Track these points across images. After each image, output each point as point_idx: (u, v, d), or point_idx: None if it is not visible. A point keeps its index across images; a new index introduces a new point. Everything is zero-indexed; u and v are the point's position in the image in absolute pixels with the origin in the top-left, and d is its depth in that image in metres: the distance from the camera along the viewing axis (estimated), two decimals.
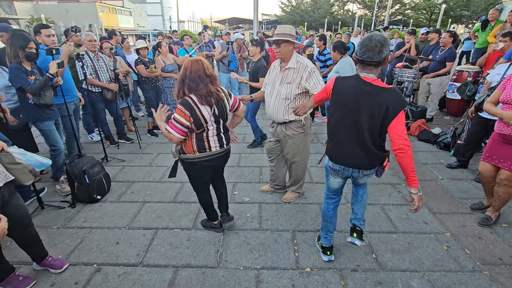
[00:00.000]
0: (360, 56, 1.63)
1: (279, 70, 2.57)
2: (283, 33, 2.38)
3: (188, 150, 2.08)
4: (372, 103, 1.60)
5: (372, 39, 1.58)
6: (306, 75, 2.42)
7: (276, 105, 2.58)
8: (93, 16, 24.98)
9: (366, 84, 1.62)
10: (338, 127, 1.77)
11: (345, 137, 1.75)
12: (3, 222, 1.22)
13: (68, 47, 3.15)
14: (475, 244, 2.35)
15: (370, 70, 1.65)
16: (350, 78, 1.70)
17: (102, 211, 2.83)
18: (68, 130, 3.49)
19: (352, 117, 1.67)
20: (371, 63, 1.61)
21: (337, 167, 1.86)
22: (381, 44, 1.56)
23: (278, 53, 2.43)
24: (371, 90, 1.61)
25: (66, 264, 2.14)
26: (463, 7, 27.74)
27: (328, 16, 33.14)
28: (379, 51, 1.57)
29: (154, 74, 4.55)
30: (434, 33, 5.62)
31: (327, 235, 2.18)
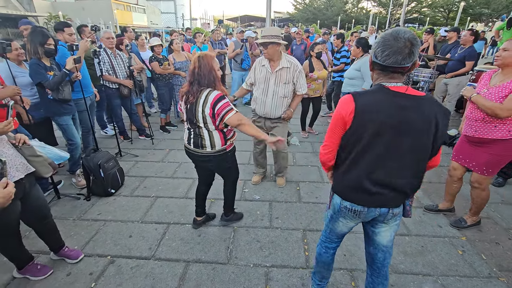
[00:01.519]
0: (383, 61, 1.20)
1: (270, 70, 2.71)
2: (269, 35, 2.52)
3: None
4: (417, 119, 1.21)
5: (400, 37, 1.16)
6: (297, 74, 2.68)
7: (275, 103, 2.77)
8: (108, 13, 25.45)
9: (401, 95, 1.22)
10: (369, 156, 1.29)
11: (380, 167, 1.29)
12: (10, 187, 1.28)
13: (85, 43, 3.22)
14: (491, 250, 2.28)
15: (398, 78, 1.25)
16: (374, 92, 1.27)
17: (116, 204, 2.90)
18: (84, 125, 3.59)
19: (393, 140, 1.24)
20: (399, 70, 1.21)
21: (358, 208, 1.38)
22: (411, 43, 1.16)
23: (266, 54, 2.61)
24: (411, 103, 1.22)
25: (82, 255, 2.21)
26: (483, 4, 26.78)
27: (341, 14, 32.70)
28: (409, 53, 1.16)
29: (167, 71, 4.61)
30: (453, 32, 5.46)
31: (321, 282, 1.79)
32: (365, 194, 1.34)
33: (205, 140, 2.07)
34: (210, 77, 1.95)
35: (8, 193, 1.27)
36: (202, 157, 2.16)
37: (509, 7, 22.32)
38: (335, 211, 1.50)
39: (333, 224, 1.57)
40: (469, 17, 27.20)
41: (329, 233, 1.64)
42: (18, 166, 1.70)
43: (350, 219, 1.47)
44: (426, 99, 1.24)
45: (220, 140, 2.09)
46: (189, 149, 2.20)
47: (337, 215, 1.50)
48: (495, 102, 2.01)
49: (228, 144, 2.16)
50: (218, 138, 2.08)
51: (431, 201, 2.94)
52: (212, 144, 2.08)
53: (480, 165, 2.24)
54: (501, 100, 2.00)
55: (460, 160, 2.42)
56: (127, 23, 27.02)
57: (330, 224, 1.60)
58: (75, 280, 2.02)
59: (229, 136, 2.16)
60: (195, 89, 1.95)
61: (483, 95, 2.10)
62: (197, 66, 1.95)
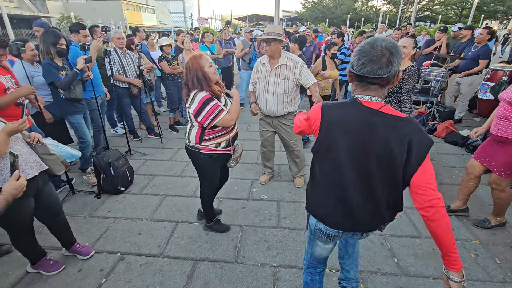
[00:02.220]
0: (358, 70, 1.07)
1: (269, 68, 2.75)
2: (273, 32, 2.57)
3: None
4: (387, 141, 1.06)
5: (376, 45, 1.04)
6: (298, 69, 2.67)
7: (275, 100, 2.78)
8: (118, 14, 25.83)
9: (373, 112, 1.09)
10: (334, 177, 1.19)
11: (345, 190, 1.18)
12: (22, 179, 1.34)
13: (97, 43, 3.28)
14: (506, 254, 2.22)
15: (374, 91, 1.11)
16: (345, 105, 1.16)
17: (125, 202, 2.94)
18: (96, 124, 3.66)
19: (357, 162, 1.12)
20: (376, 81, 1.07)
21: (333, 232, 1.28)
22: (390, 52, 1.03)
23: (268, 50, 2.63)
24: (383, 122, 1.08)
25: (92, 251, 2.24)
26: (498, 2, 26.00)
27: (350, 13, 32.28)
28: (387, 63, 1.03)
29: (176, 71, 4.65)
30: (467, 29, 5.32)
31: None
32: (339, 218, 1.24)
33: (188, 133, 2.15)
34: (194, 79, 1.94)
35: (20, 185, 1.32)
36: (186, 148, 2.21)
37: None
38: (311, 233, 1.41)
39: (312, 248, 1.47)
40: (483, 14, 26.47)
41: (310, 258, 1.53)
42: (32, 164, 1.74)
43: (324, 242, 1.37)
44: (406, 120, 1.08)
45: (195, 136, 2.08)
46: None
47: (315, 237, 1.40)
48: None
49: (202, 146, 2.08)
50: (194, 134, 2.09)
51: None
52: (189, 137, 2.13)
53: (498, 165, 2.19)
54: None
55: (481, 159, 2.36)
56: (137, 23, 27.35)
57: (309, 248, 1.50)
58: (86, 276, 2.05)
59: (207, 138, 2.07)
60: (187, 92, 2.03)
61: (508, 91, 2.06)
62: (185, 72, 2.01)
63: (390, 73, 1.05)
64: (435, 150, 4.13)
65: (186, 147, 2.20)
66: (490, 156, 2.27)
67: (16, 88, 2.41)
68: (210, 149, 2.10)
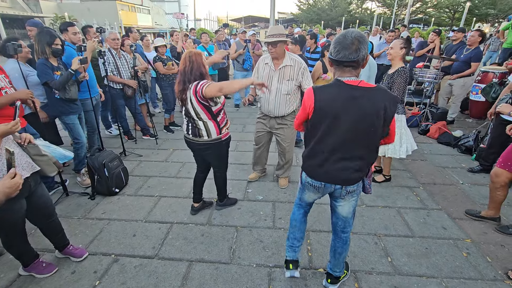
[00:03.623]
0: (334, 56, 1.41)
1: (273, 68, 2.74)
2: (278, 34, 2.57)
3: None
4: (366, 107, 1.40)
5: (348, 36, 1.37)
6: (302, 71, 2.70)
7: (278, 101, 2.79)
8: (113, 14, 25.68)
9: (353, 88, 1.42)
10: (326, 142, 1.51)
11: (335, 151, 1.51)
12: (17, 177, 1.28)
13: (92, 43, 3.26)
14: (497, 252, 2.26)
15: (350, 73, 1.44)
16: (331, 86, 1.48)
17: (120, 203, 2.92)
18: (90, 125, 3.63)
19: (345, 128, 1.44)
20: (348, 63, 1.40)
21: (317, 184, 1.63)
22: (358, 41, 1.35)
23: (274, 52, 2.63)
24: (362, 94, 1.41)
25: (86, 253, 2.22)
26: (489, 5, 26.44)
27: (345, 15, 32.55)
28: (356, 49, 1.35)
29: (171, 72, 4.63)
30: (459, 32, 5.41)
31: (293, 244, 1.92)
32: (322, 172, 1.59)
33: (201, 130, 2.29)
34: (197, 73, 2.14)
35: (15, 183, 1.27)
36: (199, 145, 2.38)
37: None
38: (302, 185, 1.78)
39: (302, 195, 1.84)
40: (475, 17, 26.91)
41: (299, 200, 1.90)
42: (24, 165, 1.72)
43: (312, 192, 1.73)
44: (379, 89, 1.44)
45: (215, 129, 2.29)
46: (188, 138, 2.41)
47: (304, 188, 1.77)
48: None
49: (223, 134, 2.36)
50: (212, 127, 2.28)
51: (435, 202, 2.91)
52: (208, 133, 2.30)
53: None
54: None
55: (508, 167, 2.30)
56: (132, 24, 27.21)
57: (299, 194, 1.88)
58: (80, 278, 2.03)
59: (223, 125, 2.35)
60: (186, 86, 2.16)
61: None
62: (188, 64, 2.14)
63: (358, 57, 1.38)
64: (429, 150, 4.18)
65: (203, 143, 2.34)
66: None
67: (10, 88, 2.39)
68: (226, 134, 2.42)
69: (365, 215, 2.70)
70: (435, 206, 2.86)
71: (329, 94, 1.46)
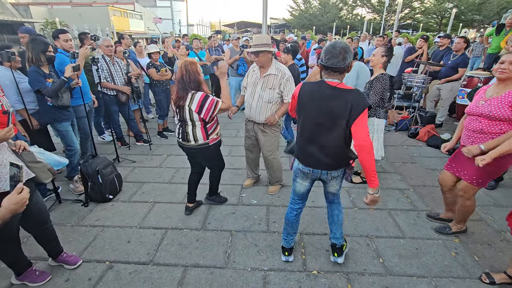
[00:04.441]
0: (325, 63, 1.67)
1: (259, 75, 2.80)
2: (260, 44, 2.61)
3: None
4: (336, 104, 1.66)
5: (336, 46, 1.63)
6: (284, 81, 2.72)
7: (259, 107, 2.84)
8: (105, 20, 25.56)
9: (330, 87, 1.69)
10: (305, 129, 1.81)
11: (312, 139, 1.80)
12: (24, 193, 1.22)
13: (85, 50, 3.27)
14: (484, 251, 2.33)
15: (335, 76, 1.70)
16: (316, 83, 1.76)
17: (114, 210, 2.91)
18: (83, 131, 3.62)
19: (317, 119, 1.73)
20: (336, 69, 1.66)
21: (306, 169, 1.90)
22: (345, 51, 1.62)
23: (258, 61, 2.70)
24: (334, 92, 1.68)
25: (80, 260, 2.22)
26: (475, 11, 27.29)
27: (336, 20, 33.09)
28: (343, 58, 1.62)
29: (165, 78, 4.66)
30: (445, 38, 5.59)
31: (287, 237, 2.22)
32: (309, 158, 1.86)
33: (189, 135, 2.42)
34: (195, 82, 2.28)
35: (22, 199, 1.22)
36: (189, 149, 2.52)
37: (500, 14, 22.80)
38: (295, 173, 2.00)
39: (294, 185, 2.06)
40: (461, 23, 27.72)
41: (293, 194, 2.11)
42: None
43: (301, 179, 1.98)
44: (350, 91, 1.68)
45: (202, 135, 2.42)
46: (179, 142, 2.55)
47: (296, 175, 2.01)
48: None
49: (210, 139, 2.47)
50: (199, 132, 2.41)
51: (424, 204, 2.99)
52: (194, 138, 2.42)
53: (470, 174, 2.21)
54: (503, 112, 1.98)
55: (453, 169, 2.39)
56: (124, 30, 27.13)
57: (293, 185, 2.08)
58: (74, 285, 2.03)
59: (211, 131, 2.46)
60: (184, 94, 2.28)
61: (482, 107, 2.09)
62: (184, 73, 2.26)
63: (345, 64, 1.65)
64: (418, 153, 4.29)
65: (192, 147, 2.48)
66: (462, 165, 2.29)
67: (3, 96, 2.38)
68: (215, 139, 2.53)
69: (357, 217, 2.76)
70: (424, 208, 2.93)
71: (310, 89, 1.77)
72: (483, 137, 2.12)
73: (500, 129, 2.04)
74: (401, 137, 4.94)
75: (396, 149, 4.45)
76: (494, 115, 2.01)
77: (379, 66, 2.93)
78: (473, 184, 2.21)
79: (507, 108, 1.96)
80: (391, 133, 5.15)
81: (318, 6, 36.96)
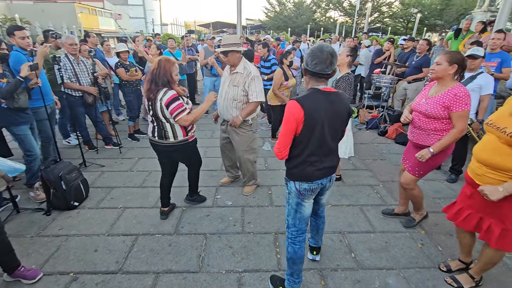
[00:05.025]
0: (312, 68, 1.53)
1: (228, 73, 2.84)
2: (228, 44, 2.65)
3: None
4: (341, 108, 1.63)
5: (324, 50, 1.50)
6: (248, 80, 2.71)
7: (225, 104, 2.84)
8: (71, 17, 24.25)
9: (329, 93, 1.60)
10: (320, 144, 1.61)
11: (327, 149, 1.66)
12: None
13: (43, 49, 3.05)
14: (446, 241, 2.48)
15: (323, 82, 1.60)
16: (313, 95, 1.58)
17: (79, 218, 2.74)
18: (44, 135, 3.38)
19: (332, 127, 1.61)
20: (324, 76, 1.55)
21: (314, 185, 1.70)
22: (332, 56, 1.50)
23: (227, 61, 2.72)
24: (335, 98, 1.62)
25: (40, 274, 2.05)
26: (437, 16, 29.26)
27: (310, 23, 33.88)
28: (330, 63, 1.51)
29: (134, 78, 4.49)
30: (410, 41, 5.91)
31: (299, 278, 1.89)
32: (317, 172, 1.67)
33: (167, 132, 2.37)
34: (164, 78, 2.23)
35: None
36: (166, 147, 2.45)
37: (459, 19, 24.57)
38: (297, 197, 1.75)
39: (300, 211, 1.78)
40: (425, 27, 29.58)
41: (299, 224, 1.82)
42: None
43: (309, 197, 1.76)
44: (340, 93, 1.68)
45: (181, 131, 2.40)
46: (154, 141, 2.47)
47: (300, 199, 1.74)
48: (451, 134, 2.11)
49: (189, 136, 2.47)
50: (179, 130, 2.39)
51: (393, 198, 3.12)
52: (174, 135, 2.39)
53: (412, 166, 2.36)
54: (437, 111, 2.11)
55: (404, 161, 2.56)
56: (93, 28, 25.91)
57: (297, 214, 1.79)
58: None
59: (189, 128, 2.46)
60: (153, 87, 2.24)
61: (422, 104, 2.23)
62: (156, 67, 2.24)
63: (332, 71, 1.55)
64: (387, 150, 4.48)
65: (171, 145, 2.42)
66: (408, 157, 2.47)
67: None
68: (193, 136, 2.55)
69: (331, 214, 2.82)
70: (393, 202, 3.06)
71: (314, 102, 1.55)
72: (421, 133, 2.28)
73: (435, 127, 2.19)
74: (372, 135, 5.14)
75: (367, 146, 4.62)
76: (430, 114, 2.16)
77: (345, 65, 3.04)
78: (414, 175, 2.36)
79: (440, 108, 2.11)
80: (362, 132, 5.35)
81: (293, 8, 37.59)
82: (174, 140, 2.41)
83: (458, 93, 2.05)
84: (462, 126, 2.08)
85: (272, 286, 1.99)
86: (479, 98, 3.14)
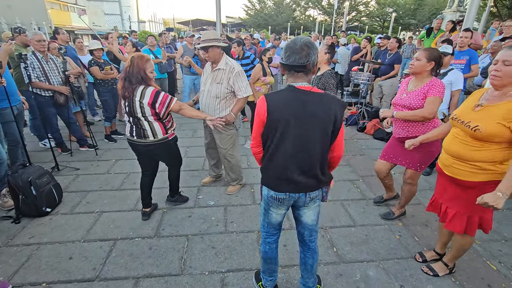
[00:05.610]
0: (285, 61, 1.40)
1: (210, 70, 2.79)
2: (208, 39, 2.60)
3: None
4: (319, 112, 1.40)
5: (297, 41, 1.38)
6: (233, 76, 2.66)
7: (208, 102, 2.80)
8: (41, 13, 22.96)
9: (305, 93, 1.42)
10: (282, 148, 1.46)
11: (292, 157, 1.46)
12: None
13: (8, 46, 2.86)
14: (422, 232, 2.58)
15: (302, 78, 1.44)
16: (284, 91, 1.45)
17: (52, 224, 2.60)
18: (11, 138, 3.16)
19: (300, 132, 1.42)
20: (299, 68, 1.40)
21: (281, 195, 1.54)
22: (307, 46, 1.37)
23: (208, 57, 2.66)
24: (313, 98, 1.41)
25: (9, 286, 1.93)
26: (411, 16, 30.49)
27: (290, 21, 34.12)
28: (306, 55, 1.36)
29: (110, 76, 4.32)
30: (386, 39, 6.09)
31: (271, 276, 1.88)
32: (285, 183, 1.52)
33: (146, 130, 2.34)
34: (138, 76, 2.19)
35: None
36: (146, 147, 2.41)
37: (431, 18, 25.71)
38: (265, 202, 1.66)
39: (267, 216, 1.69)
40: (400, 26, 30.70)
41: (267, 227, 1.75)
42: None
43: (276, 208, 1.62)
44: (327, 95, 1.45)
45: (161, 129, 2.37)
46: (132, 141, 2.42)
47: (268, 205, 1.65)
48: (417, 109, 2.22)
49: (169, 134, 2.46)
50: (158, 128, 2.36)
51: (372, 193, 3.21)
52: (154, 134, 2.36)
53: (414, 162, 2.42)
54: (421, 103, 2.23)
55: (390, 159, 2.58)
56: (65, 25, 24.68)
57: (266, 218, 1.71)
58: None
59: (169, 126, 2.44)
60: (127, 85, 2.20)
61: (404, 99, 2.32)
62: (129, 65, 2.20)
63: (308, 62, 1.38)
64: (366, 145, 4.60)
65: (151, 144, 2.38)
66: (403, 156, 2.48)
67: None
68: (173, 133, 2.53)
69: None
70: (373, 196, 3.14)
71: (281, 99, 1.43)
72: (406, 124, 2.38)
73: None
74: (351, 131, 5.26)
75: (347, 142, 4.72)
76: (413, 106, 2.27)
77: (324, 62, 3.07)
78: (417, 171, 2.44)
79: (422, 99, 2.24)
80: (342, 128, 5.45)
81: (273, 6, 37.68)
82: (153, 138, 2.37)
83: (435, 83, 2.20)
84: (431, 109, 2.18)
85: (255, 281, 2.01)
86: (451, 94, 3.29)
